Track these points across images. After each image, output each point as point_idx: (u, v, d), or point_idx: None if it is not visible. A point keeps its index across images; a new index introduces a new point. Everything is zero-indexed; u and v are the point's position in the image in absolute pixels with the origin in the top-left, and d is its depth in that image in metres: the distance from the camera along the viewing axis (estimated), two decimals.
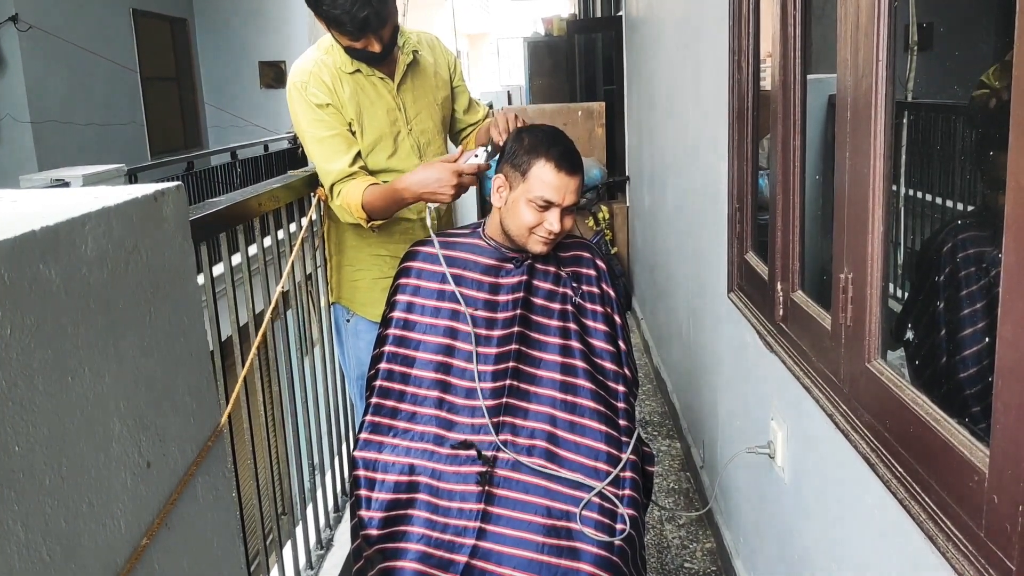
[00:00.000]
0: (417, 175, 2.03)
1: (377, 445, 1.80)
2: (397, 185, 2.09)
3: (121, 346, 0.95)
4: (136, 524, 0.94)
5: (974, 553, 1.05)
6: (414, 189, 2.04)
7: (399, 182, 2.09)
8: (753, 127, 2.23)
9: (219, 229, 1.74)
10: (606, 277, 1.97)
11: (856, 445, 1.42)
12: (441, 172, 1.99)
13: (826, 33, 1.83)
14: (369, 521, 1.74)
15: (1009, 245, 0.95)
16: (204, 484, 1.11)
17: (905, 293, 1.99)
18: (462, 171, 1.98)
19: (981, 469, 1.04)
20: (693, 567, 2.80)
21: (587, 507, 1.71)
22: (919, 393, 1.26)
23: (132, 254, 0.99)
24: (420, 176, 2.02)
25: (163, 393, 1.04)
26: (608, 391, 1.85)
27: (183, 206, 1.13)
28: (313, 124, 2.19)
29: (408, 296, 1.90)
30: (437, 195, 2.00)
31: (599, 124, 6.25)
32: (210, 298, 1.65)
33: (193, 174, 7.55)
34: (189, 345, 1.11)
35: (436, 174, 1.99)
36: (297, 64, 2.24)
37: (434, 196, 2.01)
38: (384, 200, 2.13)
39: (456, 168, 1.97)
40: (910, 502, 1.22)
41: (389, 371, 1.86)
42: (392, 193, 2.10)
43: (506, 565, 1.66)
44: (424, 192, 2.01)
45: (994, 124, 1.47)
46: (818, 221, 1.96)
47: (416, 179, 2.03)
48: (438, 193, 1.99)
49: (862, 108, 1.37)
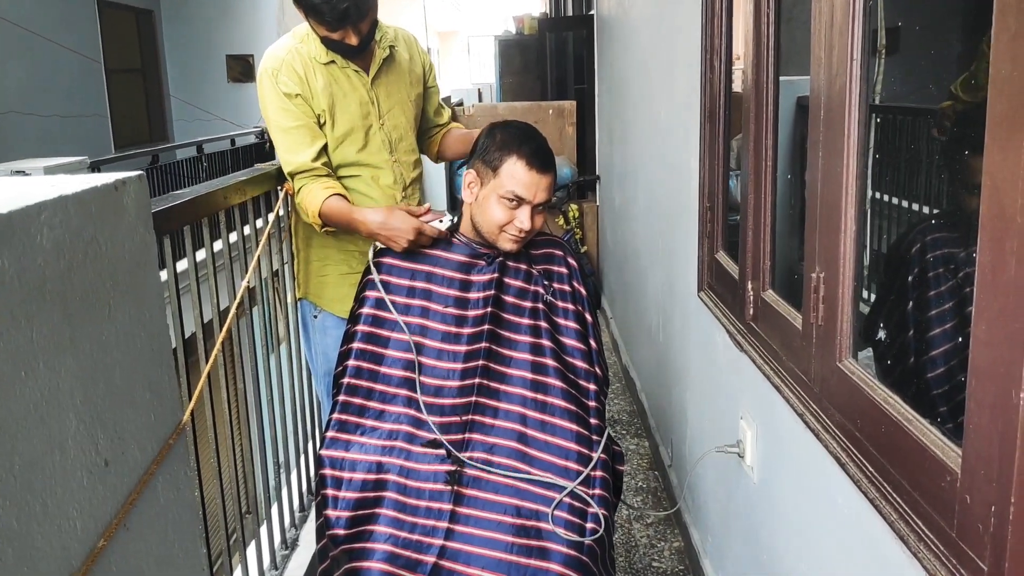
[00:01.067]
0: (379, 215, 1.99)
1: (344, 443, 1.77)
2: (356, 215, 2.06)
3: (78, 340, 0.92)
4: (93, 525, 0.90)
5: (945, 553, 1.05)
6: (371, 227, 1.99)
7: (359, 212, 2.06)
8: (725, 127, 2.23)
9: (183, 222, 1.70)
10: (577, 275, 1.96)
11: (827, 445, 1.42)
12: (403, 223, 1.93)
13: (795, 34, 1.83)
14: (335, 521, 1.71)
15: (983, 245, 0.94)
16: (165, 483, 1.08)
17: (872, 294, 2.00)
18: (423, 231, 1.93)
19: (953, 469, 1.03)
20: (661, 566, 2.79)
21: (558, 507, 1.69)
22: (890, 393, 1.26)
23: (91, 245, 0.95)
24: (382, 218, 1.97)
25: (123, 389, 1.00)
26: (579, 390, 1.84)
27: (144, 197, 1.09)
28: (280, 113, 2.17)
29: (377, 293, 1.88)
30: (390, 243, 1.94)
31: (570, 123, 6.25)
32: (173, 294, 1.61)
33: (158, 168, 7.43)
34: (150, 340, 1.08)
35: (397, 223, 1.93)
36: (270, 51, 2.21)
37: (387, 241, 1.95)
38: (340, 219, 2.11)
39: (418, 225, 1.92)
40: (881, 502, 1.22)
41: (357, 368, 1.83)
42: (349, 217, 2.08)
43: (475, 565, 1.64)
44: (380, 234, 1.96)
45: (964, 129, 1.48)
46: (788, 221, 1.96)
47: (377, 219, 1.98)
48: (392, 240, 1.94)
49: (836, 107, 1.37)
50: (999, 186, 0.91)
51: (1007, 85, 0.89)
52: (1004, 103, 0.90)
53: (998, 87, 0.91)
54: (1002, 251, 0.91)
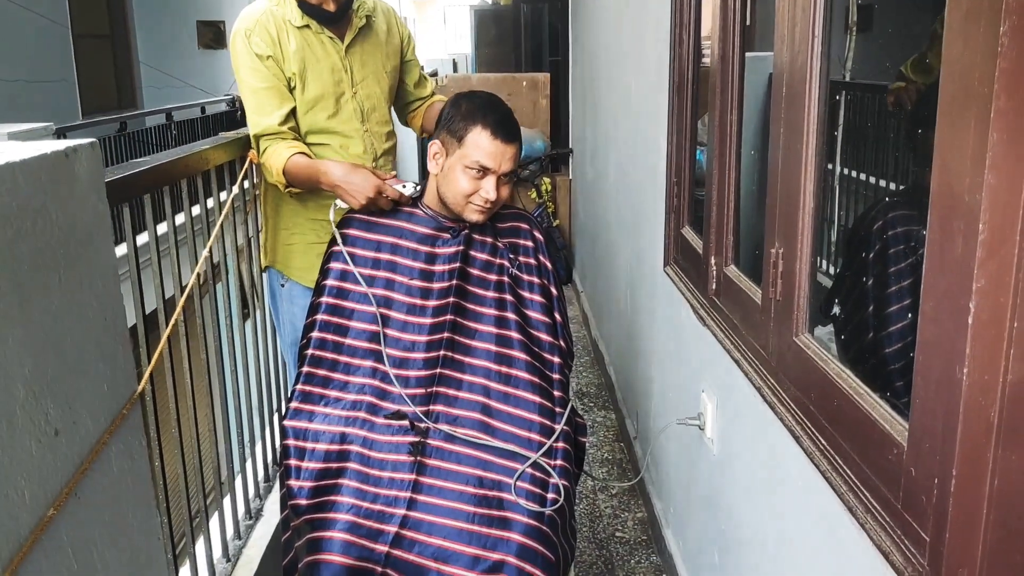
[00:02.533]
0: (342, 168, 1.99)
1: (308, 414, 1.78)
2: (319, 166, 2.06)
3: (27, 309, 0.90)
4: (42, 494, 0.90)
5: (891, 524, 1.07)
6: (332, 177, 1.99)
7: (323, 163, 2.07)
8: (693, 102, 2.23)
9: (141, 191, 1.68)
10: (543, 248, 1.97)
11: (782, 418, 1.44)
12: (364, 180, 1.92)
13: (769, 10, 1.83)
14: (298, 491, 1.71)
15: (933, 223, 0.96)
16: (118, 453, 1.07)
17: (837, 270, 2.02)
18: (383, 190, 1.91)
19: (900, 442, 1.06)
20: (624, 536, 2.83)
21: (520, 478, 1.71)
22: (843, 367, 1.28)
23: (40, 213, 0.94)
24: (343, 171, 1.97)
25: (74, 359, 0.99)
26: (543, 362, 1.85)
27: (97, 165, 1.08)
28: (251, 73, 2.17)
29: (342, 264, 1.87)
30: (347, 196, 1.94)
31: (543, 95, 6.22)
32: (133, 267, 1.59)
33: (126, 135, 7.29)
34: (103, 310, 1.07)
35: (358, 179, 1.93)
36: (246, 11, 2.22)
37: (345, 196, 1.94)
38: (304, 173, 2.10)
39: (379, 185, 1.91)
40: (832, 474, 1.24)
41: (321, 340, 1.83)
42: (313, 168, 2.07)
43: (436, 535, 1.65)
44: (339, 186, 1.96)
45: (921, 108, 1.49)
46: (753, 197, 1.98)
47: (339, 172, 1.98)
48: (349, 195, 1.93)
49: (797, 84, 1.38)
50: (948, 165, 0.92)
51: (958, 65, 0.90)
52: (955, 83, 0.91)
53: (949, 67, 0.92)
54: (950, 229, 0.92)
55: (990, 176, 0.84)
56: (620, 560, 2.71)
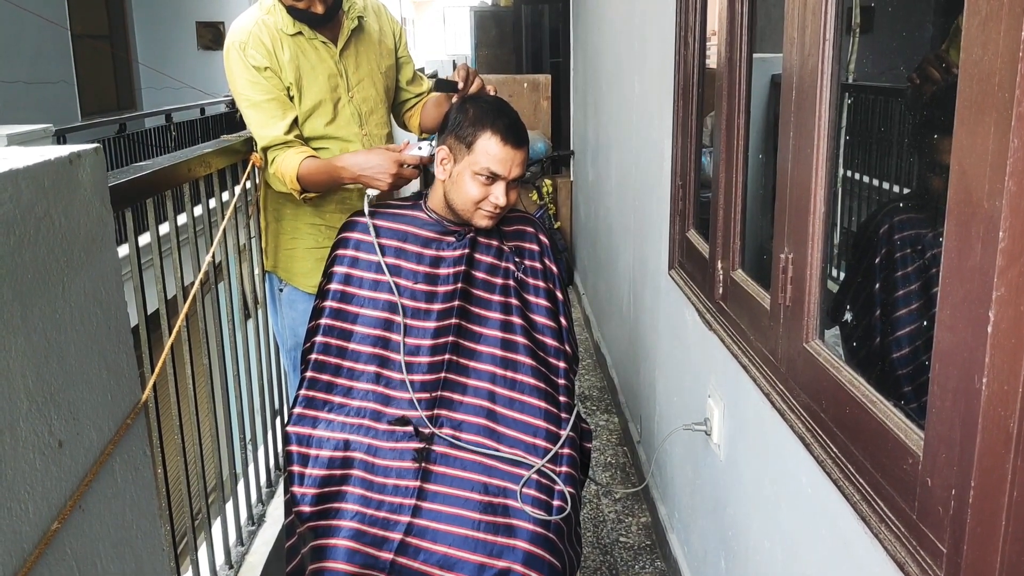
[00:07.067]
0: (358, 156, 2.00)
1: (311, 420, 1.76)
2: (336, 162, 2.05)
3: (30, 318, 0.89)
4: (46, 507, 0.88)
5: (906, 535, 1.06)
6: (352, 170, 2.00)
7: (339, 160, 2.06)
8: (698, 104, 2.21)
9: (144, 196, 1.66)
10: (548, 252, 1.95)
11: (792, 425, 1.43)
12: (382, 159, 1.94)
13: (770, 12, 1.82)
14: (302, 498, 1.70)
15: (950, 230, 0.94)
16: (122, 463, 1.06)
17: (842, 274, 2.01)
18: (404, 162, 1.93)
19: (915, 452, 1.04)
20: (628, 541, 2.82)
21: (526, 484, 1.69)
22: (855, 374, 1.26)
23: (43, 220, 0.92)
24: (360, 158, 1.98)
25: (77, 369, 0.98)
26: (549, 367, 1.84)
27: (101, 170, 1.06)
28: (250, 87, 2.13)
29: (346, 268, 1.85)
30: (373, 181, 1.96)
31: (544, 97, 6.20)
32: (135, 269, 1.58)
33: (125, 136, 7.27)
34: (107, 318, 1.05)
35: (376, 160, 1.95)
36: (236, 24, 2.17)
37: (370, 182, 1.97)
38: (321, 174, 2.09)
39: (397, 158, 1.93)
40: (844, 483, 1.23)
41: (325, 345, 1.81)
42: (330, 169, 2.06)
43: (441, 543, 1.64)
44: (362, 175, 1.98)
45: (932, 111, 1.48)
46: (760, 200, 1.96)
47: (356, 161, 1.99)
48: (375, 179, 1.95)
49: (807, 88, 1.36)
50: (966, 171, 0.91)
51: (976, 69, 0.88)
52: (974, 87, 0.89)
53: (968, 71, 0.90)
54: (968, 236, 0.90)
55: (1011, 183, 0.83)
56: (624, 565, 2.69)
